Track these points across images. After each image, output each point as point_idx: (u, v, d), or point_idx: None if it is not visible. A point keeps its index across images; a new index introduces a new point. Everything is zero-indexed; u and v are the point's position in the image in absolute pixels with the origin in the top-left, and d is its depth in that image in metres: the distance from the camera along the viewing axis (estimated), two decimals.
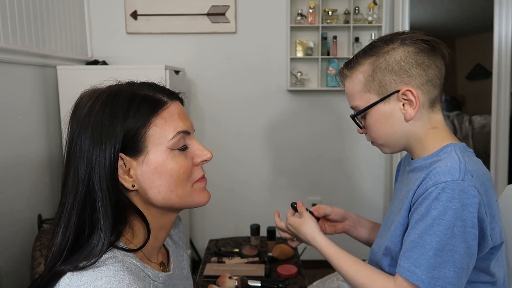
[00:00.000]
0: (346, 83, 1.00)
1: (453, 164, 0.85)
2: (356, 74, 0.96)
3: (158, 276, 0.74)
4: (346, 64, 1.00)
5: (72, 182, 0.69)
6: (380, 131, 0.97)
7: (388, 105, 0.94)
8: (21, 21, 1.81)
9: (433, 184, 0.84)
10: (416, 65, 0.91)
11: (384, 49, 0.94)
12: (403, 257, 0.87)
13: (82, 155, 0.68)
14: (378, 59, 0.93)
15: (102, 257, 0.65)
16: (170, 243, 0.89)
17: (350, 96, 1.00)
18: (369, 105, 0.95)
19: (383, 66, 0.93)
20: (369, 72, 0.94)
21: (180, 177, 0.72)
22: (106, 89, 0.73)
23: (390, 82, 0.92)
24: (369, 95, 0.95)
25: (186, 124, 0.74)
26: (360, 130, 1.03)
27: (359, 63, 0.96)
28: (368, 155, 2.73)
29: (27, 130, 1.85)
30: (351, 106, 1.01)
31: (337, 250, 1.01)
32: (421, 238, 0.84)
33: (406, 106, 0.93)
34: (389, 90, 0.93)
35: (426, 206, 0.84)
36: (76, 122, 0.70)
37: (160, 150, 0.71)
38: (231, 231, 2.66)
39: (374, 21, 2.53)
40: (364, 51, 0.97)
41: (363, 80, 0.95)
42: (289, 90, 2.63)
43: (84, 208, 0.68)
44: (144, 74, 0.99)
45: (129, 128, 0.69)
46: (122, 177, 0.70)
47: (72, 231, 0.68)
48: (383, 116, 0.95)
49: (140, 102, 0.70)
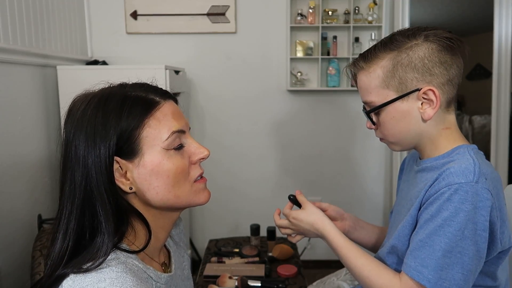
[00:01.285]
0: (361, 76, 0.95)
1: (468, 166, 0.83)
2: (374, 68, 0.91)
3: (160, 277, 0.74)
4: (362, 56, 0.95)
5: (69, 187, 0.69)
6: (394, 129, 0.93)
7: (406, 103, 0.90)
8: (21, 21, 1.81)
9: (446, 184, 0.83)
10: (439, 63, 0.88)
11: (407, 44, 0.89)
12: (410, 256, 0.85)
13: (78, 160, 0.68)
14: (400, 55, 0.89)
15: (106, 259, 0.65)
16: (171, 243, 0.89)
17: (364, 90, 0.95)
18: (387, 102, 0.91)
19: (405, 63, 0.88)
20: (389, 68, 0.89)
21: (177, 177, 0.72)
22: (98, 92, 0.73)
23: (411, 80, 0.88)
24: (387, 91, 0.91)
25: (180, 123, 0.74)
26: (371, 126, 0.99)
27: (378, 57, 0.91)
28: (368, 155, 2.73)
29: (27, 130, 1.85)
30: (364, 101, 0.96)
31: (346, 240, 0.98)
32: (429, 238, 0.83)
33: (424, 106, 0.89)
34: (409, 88, 0.89)
35: (438, 207, 0.83)
36: (70, 126, 0.70)
37: (156, 151, 0.70)
38: (231, 231, 2.66)
39: (374, 21, 2.53)
40: (384, 44, 0.92)
41: (382, 75, 0.90)
42: (289, 90, 2.63)
43: (83, 213, 0.68)
44: (144, 74, 0.99)
45: (122, 131, 0.68)
46: (119, 181, 0.70)
47: (71, 237, 0.68)
48: (399, 114, 0.91)
49: (132, 104, 0.70)
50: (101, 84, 0.76)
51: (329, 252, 1.08)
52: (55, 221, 0.71)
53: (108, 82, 0.77)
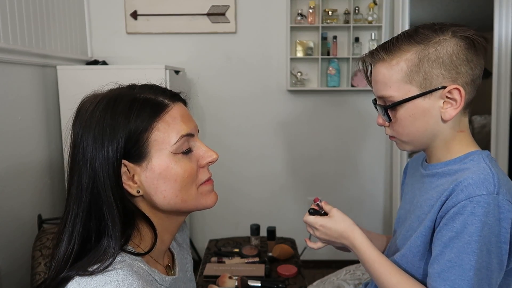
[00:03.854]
0: (380, 68, 0.87)
1: (486, 176, 0.79)
2: (398, 61, 0.85)
3: (164, 280, 0.74)
4: (383, 47, 0.88)
5: (76, 189, 0.68)
6: (410, 127, 0.87)
7: (427, 100, 0.84)
8: (21, 21, 1.81)
9: (467, 197, 0.78)
10: (466, 62, 0.83)
11: (435, 39, 0.83)
12: (439, 279, 0.79)
13: (85, 162, 0.67)
14: (427, 49, 0.83)
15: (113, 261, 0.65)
16: (175, 245, 0.89)
17: (382, 84, 0.87)
18: (408, 97, 0.84)
19: (433, 58, 0.82)
20: (415, 62, 0.83)
21: (185, 181, 0.71)
22: (107, 94, 0.72)
23: (437, 76, 0.83)
24: (409, 86, 0.84)
25: (189, 127, 0.73)
26: (383, 123, 0.92)
27: (402, 49, 0.85)
28: (368, 155, 2.73)
29: (27, 130, 1.85)
30: (380, 95, 0.89)
31: (379, 254, 0.90)
32: (458, 257, 0.77)
33: (446, 105, 0.84)
34: (434, 85, 0.83)
35: (462, 222, 0.78)
36: (78, 128, 0.69)
37: (164, 155, 0.69)
38: (231, 231, 2.66)
39: (374, 21, 2.53)
40: (408, 36, 0.85)
41: (406, 69, 0.84)
42: (289, 90, 2.63)
43: (89, 215, 0.67)
44: (144, 74, 0.99)
45: (130, 133, 0.67)
46: (126, 184, 0.69)
47: (77, 240, 0.67)
48: (419, 111, 0.85)
49: (141, 106, 0.69)
50: (110, 85, 0.75)
51: (329, 252, 1.07)
52: (61, 223, 0.70)
53: (117, 83, 0.76)
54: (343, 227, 0.94)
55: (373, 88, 0.92)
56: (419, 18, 4.66)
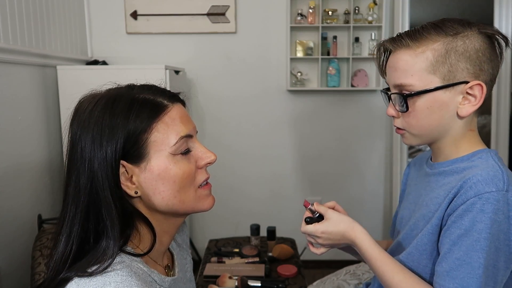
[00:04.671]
0: (403, 54, 0.84)
1: (495, 173, 0.79)
2: (423, 49, 0.82)
3: (164, 281, 0.74)
4: (408, 34, 0.85)
5: (74, 190, 0.68)
6: (425, 120, 0.84)
7: (448, 94, 0.82)
8: (21, 21, 1.81)
9: (476, 194, 0.77)
10: (489, 60, 0.82)
11: (463, 32, 0.81)
12: (447, 277, 0.78)
13: (83, 162, 0.67)
14: (455, 41, 0.81)
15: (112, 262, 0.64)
16: (174, 246, 0.89)
17: (403, 71, 0.84)
18: (429, 88, 0.82)
19: (460, 50, 0.80)
20: (442, 52, 0.81)
21: (183, 182, 0.71)
22: (105, 93, 0.71)
23: (462, 70, 0.81)
24: (432, 77, 0.82)
25: (188, 128, 0.72)
26: (395, 114, 0.89)
27: (430, 39, 0.82)
28: (368, 155, 2.73)
29: (27, 130, 1.85)
30: (398, 83, 0.85)
31: (382, 252, 0.88)
32: (467, 255, 0.76)
33: (464, 101, 0.82)
34: (458, 79, 0.81)
35: (470, 219, 0.77)
36: (76, 127, 0.69)
37: (163, 156, 0.69)
38: (231, 231, 2.66)
39: (374, 21, 2.53)
40: (435, 27, 0.83)
41: (432, 59, 0.81)
42: (289, 90, 2.63)
43: (87, 216, 0.67)
44: (144, 74, 0.99)
45: (129, 134, 0.67)
46: (124, 185, 0.69)
47: (75, 241, 0.67)
48: (437, 104, 0.83)
49: (140, 107, 0.68)
50: (108, 84, 0.75)
51: (329, 252, 1.06)
52: (58, 224, 0.70)
53: (116, 83, 0.75)
54: (343, 227, 0.92)
55: (388, 76, 0.89)
56: (419, 18, 4.65)
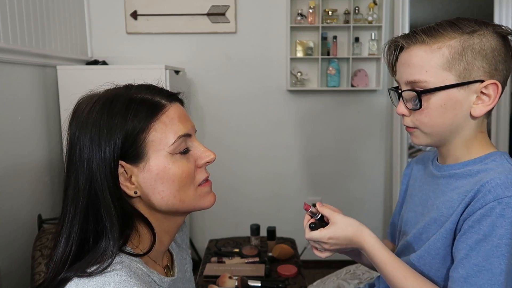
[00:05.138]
0: (418, 50, 0.82)
1: None
2: (440, 46, 0.80)
3: (163, 281, 0.74)
4: (423, 30, 0.83)
5: (73, 190, 0.68)
6: (438, 118, 0.82)
7: (462, 92, 0.80)
8: (21, 21, 1.81)
9: (495, 198, 0.75)
10: (503, 61, 0.81)
11: (479, 31, 0.80)
12: (465, 283, 0.75)
13: (82, 163, 0.67)
14: (472, 39, 0.80)
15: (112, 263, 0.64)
16: (173, 246, 0.89)
17: (418, 67, 0.82)
18: (445, 85, 0.80)
19: (477, 49, 0.79)
20: (458, 50, 0.80)
21: (182, 181, 0.71)
22: (103, 94, 0.71)
23: (478, 68, 0.79)
24: (447, 74, 0.80)
25: (186, 127, 0.72)
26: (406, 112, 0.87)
27: (446, 36, 0.81)
28: (368, 155, 2.73)
29: (27, 130, 1.85)
30: (411, 80, 0.83)
31: (391, 256, 0.85)
32: (487, 261, 0.74)
33: (478, 100, 0.81)
34: (473, 77, 0.80)
35: (490, 224, 0.74)
36: (75, 128, 0.69)
37: (161, 156, 0.69)
38: (231, 231, 2.66)
39: (374, 21, 2.53)
40: (450, 24, 0.82)
41: (448, 55, 0.80)
42: (289, 90, 2.63)
43: (86, 217, 0.67)
44: (144, 74, 0.99)
45: (128, 134, 0.67)
46: (124, 185, 0.69)
47: (74, 242, 0.67)
48: (451, 102, 0.81)
49: (138, 107, 0.68)
50: (106, 85, 0.75)
51: None
52: (58, 224, 0.70)
53: (113, 83, 0.75)
54: (351, 232, 0.87)
55: (400, 73, 0.87)
56: (419, 18, 4.66)
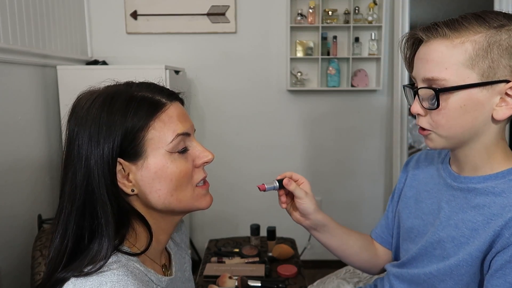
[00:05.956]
0: (438, 45, 0.75)
1: None
2: (463, 41, 0.73)
3: (161, 281, 0.74)
4: (445, 23, 0.76)
5: (70, 187, 0.68)
6: (457, 120, 0.75)
7: (485, 93, 0.73)
8: (21, 21, 1.81)
9: None
10: None
11: (508, 25, 0.72)
12: None
13: (80, 159, 0.67)
14: (499, 34, 0.71)
15: (107, 262, 0.64)
16: (172, 245, 0.88)
17: (437, 63, 0.74)
18: (465, 84, 0.73)
19: (504, 45, 0.71)
20: (483, 46, 0.72)
21: (180, 180, 0.71)
22: (103, 91, 0.71)
23: (504, 67, 0.72)
24: (469, 72, 0.72)
25: (185, 126, 0.72)
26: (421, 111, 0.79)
27: (470, 30, 0.73)
28: (368, 155, 2.73)
29: (27, 130, 1.86)
30: (428, 77, 0.76)
31: None
32: None
33: (501, 103, 0.73)
34: (498, 76, 0.72)
35: None
36: (74, 124, 0.69)
37: (160, 154, 0.69)
38: (231, 231, 2.66)
39: (374, 21, 2.53)
40: (476, 17, 0.74)
41: (471, 51, 0.72)
42: (289, 90, 2.63)
43: (83, 214, 0.67)
44: (144, 74, 0.99)
45: (127, 132, 0.67)
46: (121, 182, 0.69)
47: (70, 238, 0.67)
48: (472, 103, 0.73)
49: (138, 105, 0.68)
50: (106, 81, 0.75)
51: (329, 252, 1.07)
52: (54, 221, 0.70)
53: (114, 80, 0.75)
54: None
55: (417, 69, 0.80)
56: (419, 18, 4.65)
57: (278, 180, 0.96)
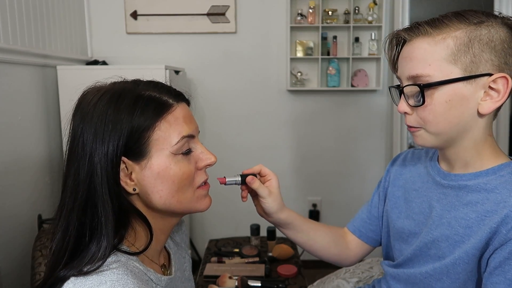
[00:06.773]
0: (421, 43, 0.77)
1: None
2: (444, 37, 0.75)
3: (160, 280, 0.74)
4: (427, 21, 0.78)
5: (73, 183, 0.67)
6: (443, 116, 0.76)
7: (469, 87, 0.74)
8: (21, 21, 1.81)
9: None
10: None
11: (487, 22, 0.74)
12: None
13: (84, 155, 0.66)
14: (479, 30, 0.74)
15: (106, 261, 0.64)
16: (171, 245, 0.88)
17: (421, 60, 0.76)
18: (449, 79, 0.74)
19: (485, 40, 0.73)
20: (464, 41, 0.73)
21: (182, 182, 0.71)
22: (111, 87, 0.70)
23: (486, 61, 0.73)
24: (452, 67, 0.74)
25: (191, 128, 0.72)
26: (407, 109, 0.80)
27: (450, 27, 0.75)
28: (368, 155, 2.73)
29: (27, 130, 1.86)
30: (413, 74, 0.77)
31: None
32: None
33: (485, 97, 0.75)
34: (481, 70, 0.73)
35: None
36: (79, 120, 0.68)
37: (164, 155, 0.69)
38: (231, 231, 2.66)
39: (374, 21, 2.53)
40: (456, 15, 0.76)
41: (453, 47, 0.74)
42: (289, 90, 2.63)
43: (84, 211, 0.66)
44: (144, 74, 0.99)
45: (133, 131, 0.67)
46: (123, 181, 0.69)
47: (72, 234, 0.66)
48: (457, 98, 0.75)
49: (145, 104, 0.68)
50: (113, 77, 0.74)
51: None
52: (56, 215, 0.69)
53: (121, 77, 0.75)
54: None
55: (401, 68, 0.81)
56: (419, 18, 4.65)
57: (242, 175, 0.95)
